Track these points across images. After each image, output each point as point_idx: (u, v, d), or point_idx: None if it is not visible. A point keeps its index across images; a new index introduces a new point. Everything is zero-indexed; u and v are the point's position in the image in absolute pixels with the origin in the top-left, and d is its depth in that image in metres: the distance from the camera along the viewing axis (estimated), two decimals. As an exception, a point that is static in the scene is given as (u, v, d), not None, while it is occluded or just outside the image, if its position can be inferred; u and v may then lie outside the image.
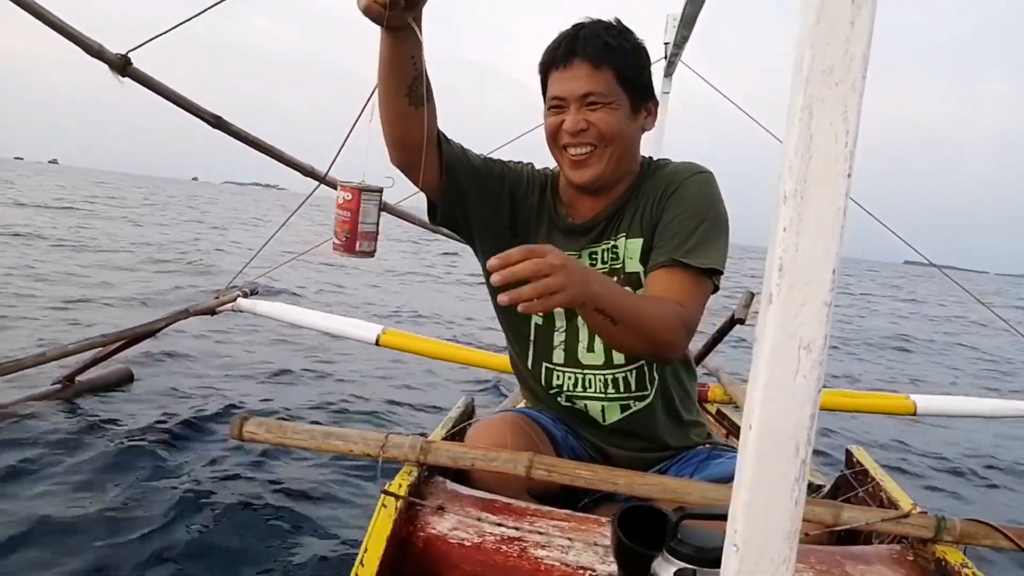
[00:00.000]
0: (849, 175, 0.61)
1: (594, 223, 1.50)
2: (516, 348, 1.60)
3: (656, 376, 1.50)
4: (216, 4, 1.93)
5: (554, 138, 1.43)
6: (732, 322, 2.80)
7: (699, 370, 2.85)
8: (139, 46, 1.91)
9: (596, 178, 1.42)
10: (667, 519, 0.91)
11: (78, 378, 3.07)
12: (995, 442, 4.16)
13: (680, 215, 1.38)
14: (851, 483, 1.67)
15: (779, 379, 0.63)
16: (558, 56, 1.40)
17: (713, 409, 2.59)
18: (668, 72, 4.15)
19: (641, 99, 1.44)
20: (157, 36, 1.90)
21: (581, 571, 1.07)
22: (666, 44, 3.83)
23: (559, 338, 1.52)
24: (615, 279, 1.45)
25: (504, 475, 1.30)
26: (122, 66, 1.91)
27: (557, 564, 1.11)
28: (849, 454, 1.81)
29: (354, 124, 2.42)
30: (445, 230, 1.68)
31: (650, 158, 1.54)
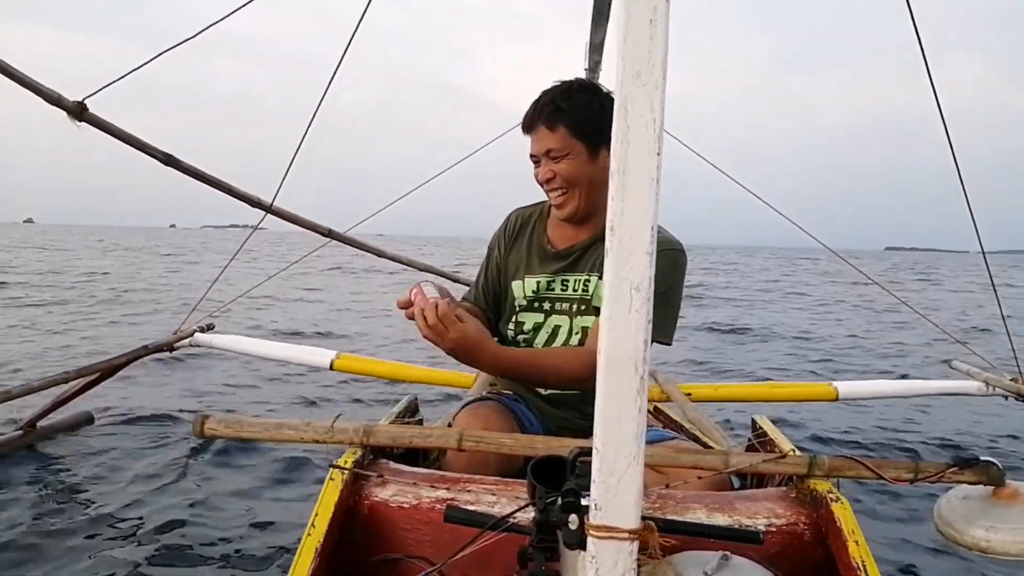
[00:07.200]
0: (659, 154, 0.80)
1: (569, 251, 1.81)
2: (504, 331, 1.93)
3: None
4: (169, 50, 2.09)
5: (540, 185, 1.78)
6: None
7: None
8: (94, 93, 2.05)
9: (573, 213, 1.75)
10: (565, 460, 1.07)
11: (39, 423, 3.12)
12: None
13: None
14: (755, 446, 1.87)
15: (618, 313, 0.81)
16: (525, 124, 1.75)
17: (651, 407, 2.76)
18: None
19: (597, 142, 1.69)
20: (111, 83, 2.04)
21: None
22: (586, 70, 4.08)
23: (527, 334, 1.85)
24: (583, 307, 1.78)
25: (476, 460, 1.53)
26: (79, 112, 2.05)
27: (484, 515, 1.27)
28: (754, 422, 2.01)
29: (294, 156, 2.59)
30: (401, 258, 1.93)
31: None
